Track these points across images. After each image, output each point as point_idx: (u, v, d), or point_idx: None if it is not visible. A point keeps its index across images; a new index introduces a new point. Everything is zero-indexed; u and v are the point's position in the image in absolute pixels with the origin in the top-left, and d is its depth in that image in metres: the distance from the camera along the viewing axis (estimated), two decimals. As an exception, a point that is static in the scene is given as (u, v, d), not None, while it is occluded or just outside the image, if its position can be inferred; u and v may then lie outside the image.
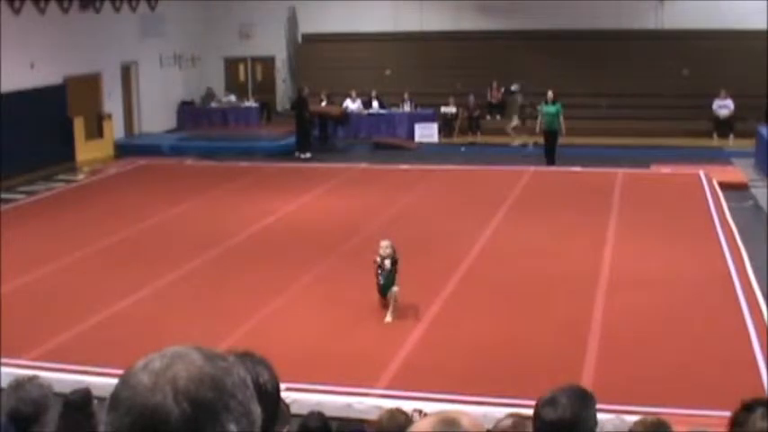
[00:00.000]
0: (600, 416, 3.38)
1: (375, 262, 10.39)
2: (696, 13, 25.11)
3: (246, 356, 2.69)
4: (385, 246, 10.47)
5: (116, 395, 1.30)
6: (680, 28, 25.35)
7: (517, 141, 23.45)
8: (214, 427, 1.26)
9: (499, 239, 13.77)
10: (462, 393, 8.16)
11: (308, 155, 22.53)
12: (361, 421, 7.37)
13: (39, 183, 19.86)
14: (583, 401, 3.20)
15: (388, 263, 10.33)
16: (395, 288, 10.22)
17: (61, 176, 20.81)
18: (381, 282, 10.34)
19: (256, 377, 2.30)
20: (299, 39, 28.56)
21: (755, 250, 12.79)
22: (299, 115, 22.99)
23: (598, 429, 3.24)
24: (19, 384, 3.97)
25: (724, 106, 23.88)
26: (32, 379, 4.10)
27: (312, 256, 12.84)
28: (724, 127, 23.72)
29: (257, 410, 1.33)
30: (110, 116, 24.17)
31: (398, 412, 4.81)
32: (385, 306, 10.28)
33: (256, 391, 1.37)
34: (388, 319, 10.08)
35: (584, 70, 25.25)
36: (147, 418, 1.26)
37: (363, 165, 20.73)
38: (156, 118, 26.19)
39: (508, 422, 3.66)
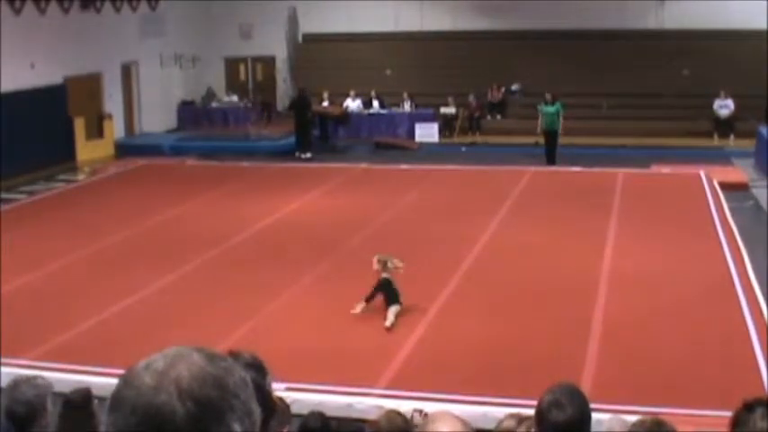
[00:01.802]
0: (600, 416, 3.39)
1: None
2: (697, 13, 25.12)
3: (234, 356, 2.68)
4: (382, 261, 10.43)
5: (118, 395, 1.30)
6: (680, 28, 25.35)
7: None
8: (219, 426, 1.27)
9: (499, 239, 13.76)
10: (462, 393, 8.17)
11: (309, 155, 22.51)
12: (362, 421, 7.37)
13: (39, 183, 19.86)
14: (583, 398, 3.21)
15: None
16: (396, 307, 10.19)
17: (62, 176, 20.82)
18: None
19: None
20: (300, 39, 28.57)
21: (756, 250, 12.78)
22: (300, 115, 22.97)
23: (598, 429, 3.25)
24: (15, 385, 3.96)
25: (724, 106, 23.88)
26: (31, 379, 4.08)
27: (313, 255, 12.84)
28: (724, 127, 23.71)
29: (257, 410, 1.34)
30: (110, 116, 24.18)
31: (396, 414, 4.81)
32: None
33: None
34: (388, 324, 10.00)
35: (585, 70, 25.24)
36: (151, 417, 1.26)
37: (364, 165, 20.73)
38: (157, 118, 26.19)
39: (511, 423, 3.66)
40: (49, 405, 3.94)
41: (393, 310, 10.09)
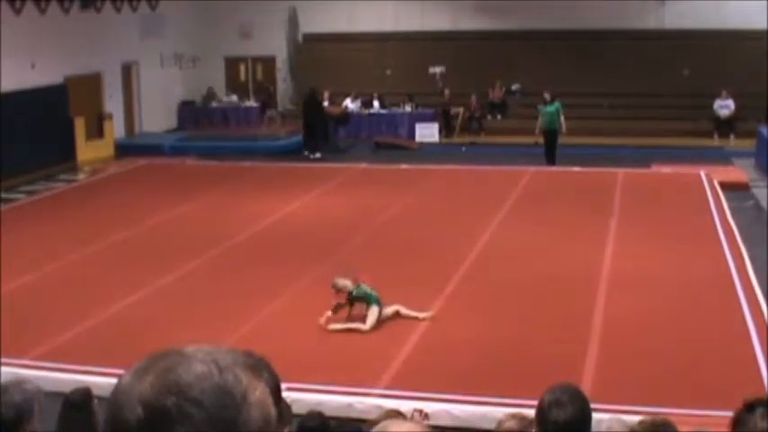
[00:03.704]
0: (600, 416, 3.39)
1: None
2: (697, 12, 25.11)
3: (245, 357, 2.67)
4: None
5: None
6: (681, 28, 25.34)
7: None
8: None
9: (499, 239, 13.76)
10: (462, 393, 8.17)
11: (318, 155, 22.37)
12: (362, 421, 7.37)
13: (39, 183, 19.86)
14: (584, 398, 3.21)
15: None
16: (391, 309, 10.14)
17: (62, 176, 20.82)
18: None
19: None
20: (300, 39, 28.57)
21: (756, 250, 12.78)
22: (310, 115, 22.86)
23: (598, 429, 3.25)
24: (5, 389, 3.94)
25: (725, 106, 23.88)
26: (20, 383, 4.06)
27: (313, 255, 12.83)
28: (725, 127, 23.72)
29: (241, 418, 1.28)
30: (110, 116, 24.18)
31: (396, 414, 4.82)
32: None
33: None
34: (366, 327, 9.93)
35: (585, 70, 25.25)
36: (112, 420, 1.27)
37: (364, 164, 20.73)
38: (157, 118, 26.19)
39: (512, 423, 3.67)
40: (36, 410, 3.93)
41: (373, 311, 10.02)
